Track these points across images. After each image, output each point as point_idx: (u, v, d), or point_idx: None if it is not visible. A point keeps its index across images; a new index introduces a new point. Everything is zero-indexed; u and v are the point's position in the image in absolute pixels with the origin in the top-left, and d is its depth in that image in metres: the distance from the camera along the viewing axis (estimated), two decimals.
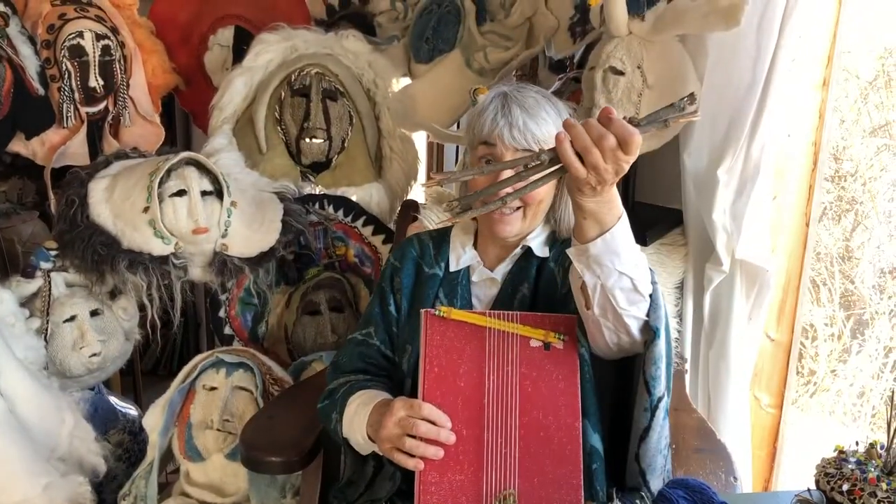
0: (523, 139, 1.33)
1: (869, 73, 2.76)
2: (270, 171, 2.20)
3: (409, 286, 1.47)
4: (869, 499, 1.20)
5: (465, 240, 1.49)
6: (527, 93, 1.38)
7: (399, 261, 1.51)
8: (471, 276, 1.46)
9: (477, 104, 1.41)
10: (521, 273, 1.43)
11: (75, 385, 1.95)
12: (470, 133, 1.41)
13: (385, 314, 1.48)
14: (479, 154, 1.37)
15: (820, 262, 2.88)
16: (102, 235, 1.89)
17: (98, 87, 2.28)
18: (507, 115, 1.34)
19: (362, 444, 1.34)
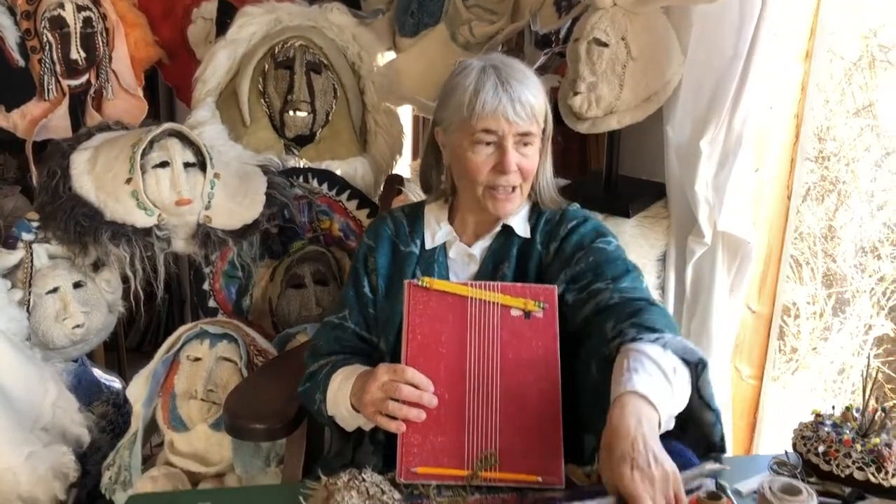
0: (524, 113, 1.32)
1: (853, 53, 2.78)
2: (254, 144, 2.20)
3: (385, 265, 1.46)
4: (844, 460, 1.22)
5: (439, 215, 1.48)
6: (511, 63, 1.37)
7: (373, 240, 1.49)
8: (447, 252, 1.46)
9: (459, 81, 1.36)
10: (502, 251, 1.44)
11: (58, 356, 1.95)
12: (461, 111, 1.34)
13: (360, 296, 1.47)
14: (477, 139, 1.34)
15: (803, 241, 2.91)
16: (85, 207, 1.88)
17: (80, 59, 2.26)
18: (507, 90, 1.32)
19: (347, 417, 1.34)
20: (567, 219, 1.45)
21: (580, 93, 1.77)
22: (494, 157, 1.35)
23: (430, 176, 1.51)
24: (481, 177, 1.36)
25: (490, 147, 1.35)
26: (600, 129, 1.81)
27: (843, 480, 1.21)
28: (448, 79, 1.41)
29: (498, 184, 1.36)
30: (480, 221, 1.46)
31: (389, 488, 1.16)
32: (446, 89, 1.39)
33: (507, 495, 1.20)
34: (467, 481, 1.20)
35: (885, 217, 2.76)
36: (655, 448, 1.06)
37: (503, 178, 1.35)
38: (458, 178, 1.43)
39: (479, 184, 1.37)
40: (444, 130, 1.41)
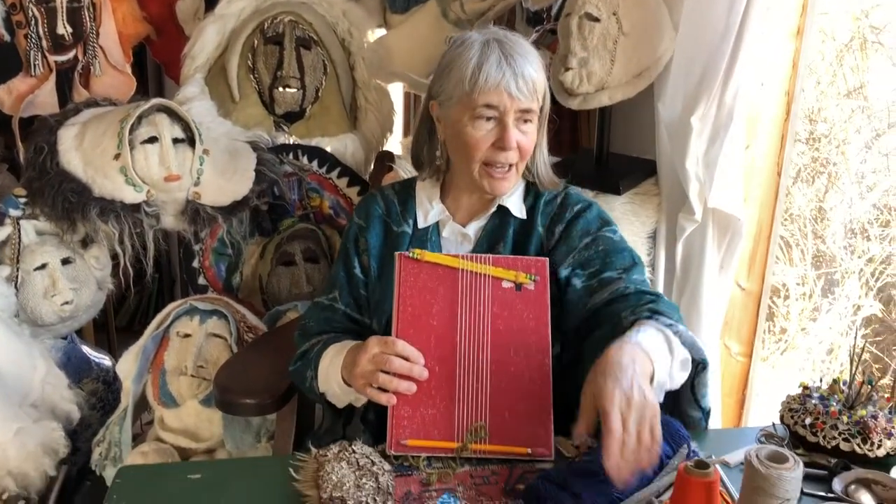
0: (526, 89, 1.31)
1: (844, 34, 2.77)
2: (243, 120, 2.18)
3: (377, 246, 1.45)
4: (830, 431, 1.23)
5: (431, 194, 1.46)
6: (512, 37, 1.35)
7: (364, 220, 1.47)
8: (440, 231, 1.45)
9: (460, 53, 1.33)
10: (498, 231, 1.43)
11: (47, 333, 1.94)
12: (461, 85, 1.32)
13: (350, 277, 1.45)
14: (478, 114, 1.32)
15: (793, 223, 2.92)
16: (73, 183, 1.87)
17: (66, 34, 2.24)
18: (511, 64, 1.30)
19: (338, 392, 1.34)
20: (571, 202, 1.44)
21: (571, 68, 1.76)
22: (494, 132, 1.33)
23: (421, 152, 1.48)
24: (479, 153, 1.34)
25: (490, 122, 1.33)
26: (591, 105, 1.81)
27: (830, 452, 1.23)
28: (447, 51, 1.39)
29: (496, 160, 1.34)
30: (475, 201, 1.45)
31: (379, 459, 1.16)
32: (445, 62, 1.37)
33: (496, 467, 1.20)
34: (457, 453, 1.21)
35: (875, 198, 2.77)
36: (643, 383, 1.07)
37: (502, 154, 1.34)
38: (453, 153, 1.41)
39: (477, 160, 1.35)
40: (441, 104, 1.39)
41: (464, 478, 1.18)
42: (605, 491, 1.06)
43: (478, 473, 1.19)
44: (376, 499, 1.06)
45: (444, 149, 1.44)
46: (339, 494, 1.06)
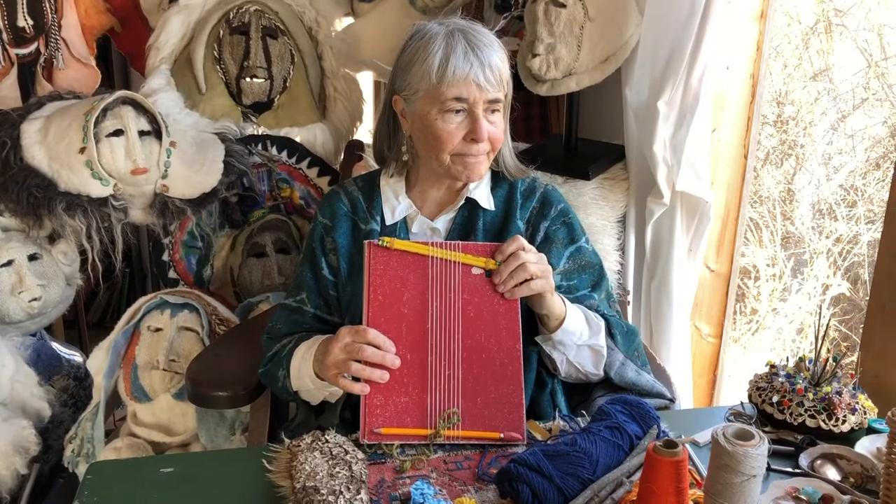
0: (493, 79, 1.30)
1: (809, 17, 2.81)
2: (210, 111, 2.16)
3: (345, 245, 1.42)
4: (797, 408, 1.25)
5: (397, 188, 1.44)
6: (476, 27, 1.34)
7: (329, 219, 1.44)
8: (409, 227, 1.43)
9: (423, 46, 1.32)
10: (468, 224, 1.42)
11: (15, 331, 1.91)
12: (428, 78, 1.30)
13: (318, 279, 1.43)
14: (447, 108, 1.30)
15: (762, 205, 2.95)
16: (38, 178, 1.84)
17: (27, 26, 2.20)
18: (478, 55, 1.29)
19: (311, 388, 1.34)
20: (552, 201, 1.46)
21: (538, 55, 1.77)
22: (465, 125, 1.32)
23: (384, 146, 1.46)
24: (451, 146, 1.33)
25: (460, 115, 1.32)
26: (559, 91, 1.81)
27: (796, 428, 1.25)
28: (406, 44, 1.36)
29: (468, 153, 1.33)
30: (442, 194, 1.44)
31: (353, 448, 1.16)
32: (407, 55, 1.34)
33: (469, 452, 1.21)
34: (430, 440, 1.21)
35: (841, 179, 2.81)
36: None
37: (474, 146, 1.33)
38: (421, 148, 1.39)
39: (447, 153, 1.34)
40: (406, 99, 1.36)
41: (437, 464, 1.19)
42: (576, 472, 1.07)
43: (451, 459, 1.20)
44: (350, 487, 1.06)
45: (409, 143, 1.41)
46: (312, 484, 1.06)
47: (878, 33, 2.61)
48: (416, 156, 1.42)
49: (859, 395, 1.28)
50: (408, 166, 1.45)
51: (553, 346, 1.35)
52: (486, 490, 1.13)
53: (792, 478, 1.15)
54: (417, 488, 1.07)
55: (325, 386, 1.31)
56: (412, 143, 1.41)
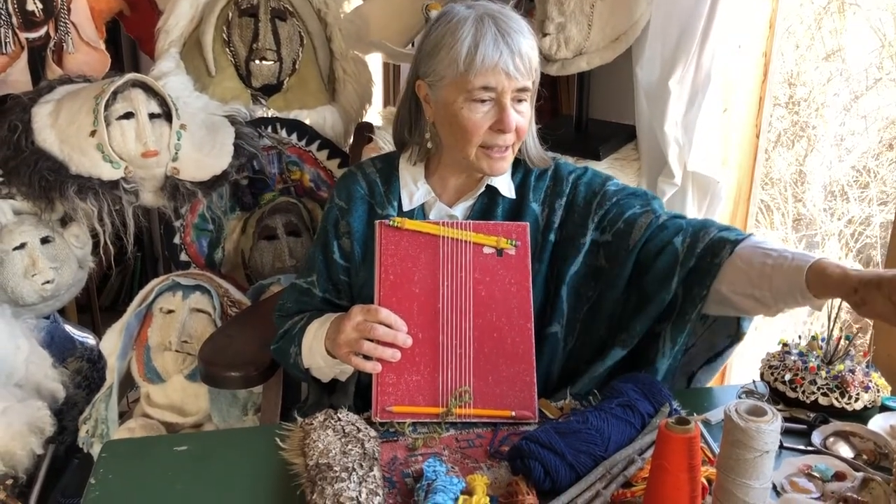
0: (523, 67, 1.25)
1: None
2: (220, 94, 2.16)
3: (360, 229, 1.39)
4: (809, 386, 1.25)
5: (415, 174, 1.40)
6: (508, 12, 1.28)
7: (345, 202, 1.40)
8: (426, 213, 1.40)
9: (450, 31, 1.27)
10: (487, 211, 1.39)
11: (29, 313, 1.93)
12: (456, 66, 1.25)
13: (329, 262, 1.41)
14: (475, 98, 1.26)
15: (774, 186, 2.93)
16: (49, 161, 1.85)
17: (37, 10, 2.20)
18: (508, 43, 1.23)
19: (323, 366, 1.34)
20: (564, 174, 1.41)
21: (549, 34, 1.76)
22: (492, 114, 1.27)
23: (404, 132, 1.41)
24: (477, 136, 1.29)
25: (487, 104, 1.27)
26: (570, 71, 1.80)
27: (809, 406, 1.25)
28: (432, 28, 1.31)
29: (494, 143, 1.29)
30: (463, 181, 1.40)
31: (365, 426, 1.17)
32: (433, 40, 1.29)
33: (481, 430, 1.22)
34: (441, 418, 1.22)
35: (854, 160, 2.79)
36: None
37: (500, 137, 1.28)
38: (445, 135, 1.34)
39: (474, 144, 1.30)
40: (431, 85, 1.31)
41: (449, 442, 1.19)
42: (588, 450, 1.07)
43: (463, 437, 1.20)
44: (363, 464, 1.07)
45: (432, 129, 1.37)
46: (325, 461, 1.07)
47: (892, 13, 2.58)
48: (438, 143, 1.38)
49: (872, 373, 1.27)
50: (430, 153, 1.41)
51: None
52: (497, 467, 1.13)
53: (804, 455, 1.15)
54: (430, 465, 1.07)
55: (337, 364, 1.31)
56: (435, 130, 1.37)
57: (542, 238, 1.38)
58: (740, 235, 1.27)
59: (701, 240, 1.28)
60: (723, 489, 0.97)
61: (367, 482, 1.03)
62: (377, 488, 1.03)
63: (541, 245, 1.37)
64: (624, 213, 1.35)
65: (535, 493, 1.04)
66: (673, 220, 1.33)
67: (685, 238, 1.29)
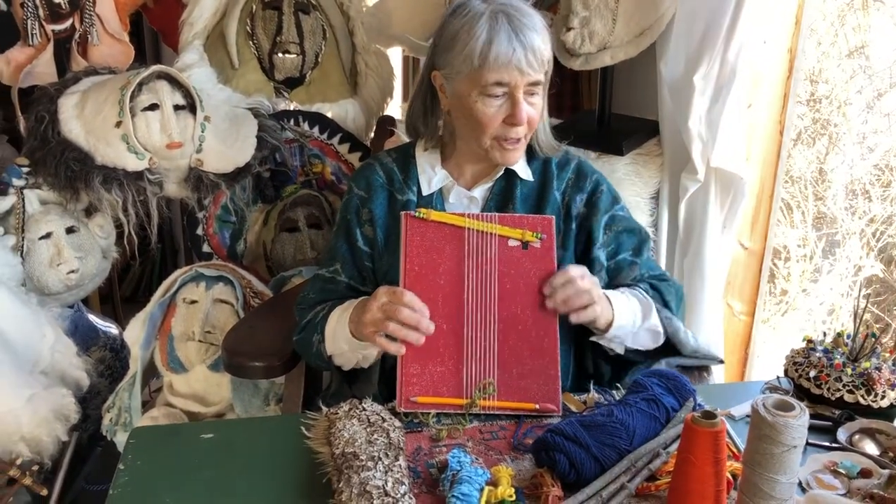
0: (536, 63, 1.29)
1: None
2: (243, 86, 2.17)
3: (382, 216, 1.43)
4: (834, 383, 1.25)
5: (432, 160, 1.44)
6: (519, 6, 1.31)
7: (365, 190, 1.45)
8: (445, 197, 1.44)
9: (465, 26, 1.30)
10: (506, 194, 1.42)
11: (54, 302, 1.95)
12: (470, 61, 1.29)
13: (353, 249, 1.44)
14: (489, 93, 1.30)
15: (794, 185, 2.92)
16: (75, 151, 1.86)
17: (63, 2, 2.21)
18: (521, 40, 1.27)
19: (346, 350, 1.35)
20: (587, 172, 1.47)
21: (573, 28, 1.75)
22: (505, 108, 1.31)
23: (419, 121, 1.46)
24: (491, 129, 1.33)
25: (500, 98, 1.31)
26: (593, 66, 1.80)
27: (834, 403, 1.24)
28: (448, 19, 1.34)
29: (507, 135, 1.34)
30: (480, 168, 1.44)
31: (390, 416, 1.18)
32: (449, 32, 1.32)
33: (504, 422, 1.22)
34: (466, 409, 1.22)
35: (876, 159, 2.77)
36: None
37: (513, 130, 1.33)
38: (460, 126, 1.39)
39: (488, 135, 1.34)
40: (447, 77, 1.35)
41: (473, 433, 1.20)
42: (613, 443, 1.08)
43: (486, 429, 1.21)
44: (388, 453, 1.07)
45: (447, 118, 1.41)
46: (351, 450, 1.08)
47: None
48: (452, 131, 1.42)
49: None
50: (443, 140, 1.45)
51: (609, 341, 1.37)
52: (521, 460, 1.14)
53: (830, 452, 1.14)
54: (454, 456, 1.08)
55: (360, 347, 1.32)
56: (450, 119, 1.41)
57: (566, 226, 1.43)
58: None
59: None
60: (749, 483, 0.97)
61: (393, 471, 1.04)
62: (403, 478, 1.04)
63: (564, 232, 1.42)
64: (618, 254, 1.44)
65: (559, 486, 1.04)
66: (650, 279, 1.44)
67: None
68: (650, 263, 1.48)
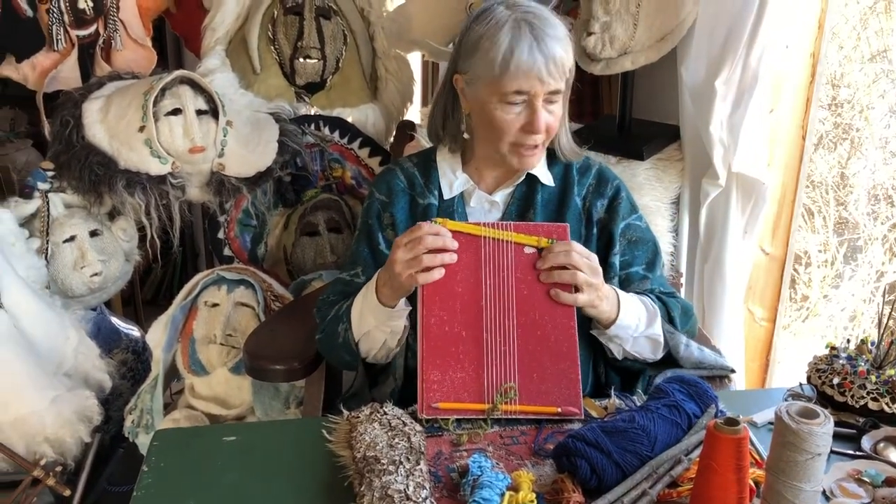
0: (556, 72, 1.29)
1: None
2: (265, 91, 2.18)
3: (403, 220, 1.44)
4: (858, 391, 1.23)
5: (453, 164, 1.45)
6: (541, 14, 1.31)
7: (386, 195, 1.46)
8: (466, 201, 1.45)
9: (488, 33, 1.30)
10: (527, 199, 1.43)
11: (78, 304, 1.97)
12: (492, 69, 1.29)
13: (375, 253, 1.45)
14: (509, 101, 1.30)
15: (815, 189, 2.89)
16: (99, 156, 1.88)
17: (87, 8, 2.24)
18: (543, 50, 1.27)
19: (374, 327, 1.34)
20: (609, 178, 1.47)
21: (594, 33, 1.76)
22: (524, 115, 1.32)
23: (440, 123, 1.46)
24: (509, 135, 1.34)
25: (519, 106, 1.32)
26: (614, 70, 1.80)
27: (858, 411, 1.23)
28: (472, 24, 1.34)
29: (525, 142, 1.34)
30: (500, 173, 1.45)
31: (411, 421, 1.18)
32: (472, 38, 1.33)
33: (525, 427, 1.22)
34: (487, 414, 1.22)
35: None
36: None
37: (531, 137, 1.33)
38: (479, 130, 1.40)
39: (506, 141, 1.35)
40: (468, 82, 1.36)
41: (493, 438, 1.20)
42: (634, 449, 1.07)
43: (507, 434, 1.21)
44: (409, 458, 1.08)
45: (468, 121, 1.42)
46: (372, 454, 1.08)
47: None
48: (473, 134, 1.43)
49: None
50: (465, 143, 1.45)
51: (608, 339, 1.37)
52: (542, 465, 1.14)
53: (854, 460, 1.13)
54: (475, 461, 1.08)
55: (388, 318, 1.32)
56: (471, 121, 1.42)
57: (587, 231, 1.43)
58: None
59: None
60: (773, 491, 0.96)
61: (414, 476, 1.04)
62: (424, 482, 1.04)
63: (585, 237, 1.42)
64: (631, 266, 1.44)
65: (580, 492, 1.04)
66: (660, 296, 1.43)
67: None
68: (662, 280, 1.47)
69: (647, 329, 1.36)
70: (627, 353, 1.39)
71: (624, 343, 1.36)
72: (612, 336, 1.35)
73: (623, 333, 1.35)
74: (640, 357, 1.39)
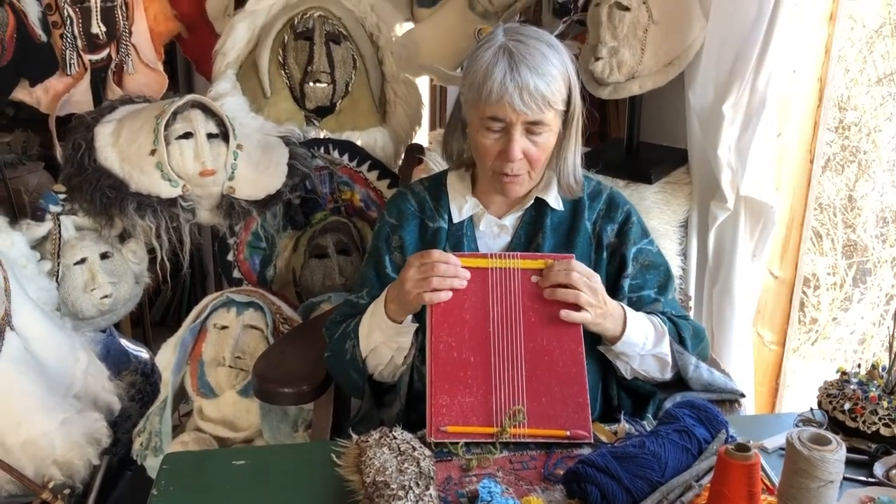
0: (533, 103, 1.27)
1: (874, 21, 2.74)
2: (275, 115, 2.20)
3: (413, 243, 1.45)
4: (870, 416, 1.23)
5: (463, 189, 1.46)
6: (531, 44, 1.30)
7: (396, 218, 1.47)
8: (476, 225, 1.45)
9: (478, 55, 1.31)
10: (536, 223, 1.43)
11: (87, 326, 1.98)
12: (473, 91, 1.31)
13: (381, 276, 1.45)
14: (487, 126, 1.32)
15: (823, 212, 2.89)
16: (110, 179, 1.90)
17: (100, 33, 2.27)
18: (515, 78, 1.26)
19: (381, 343, 1.35)
20: (620, 203, 1.47)
21: (602, 58, 1.77)
22: (501, 142, 1.32)
23: (452, 142, 1.48)
24: (488, 160, 1.35)
25: (498, 133, 1.32)
26: (622, 95, 1.81)
27: (870, 437, 1.22)
28: (475, 46, 1.36)
29: (502, 170, 1.35)
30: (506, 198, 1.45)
31: (420, 445, 1.18)
32: (469, 59, 1.35)
33: (535, 452, 1.22)
34: (496, 438, 1.22)
35: None
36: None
37: (507, 165, 1.33)
38: (473, 154, 1.42)
39: (487, 166, 1.37)
40: (463, 103, 1.39)
41: (503, 463, 1.19)
42: (645, 475, 1.07)
43: (517, 458, 1.20)
44: (419, 483, 1.07)
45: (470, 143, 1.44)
46: (382, 479, 1.08)
47: None
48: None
49: None
50: (474, 167, 1.47)
51: (615, 356, 1.37)
52: (552, 490, 1.13)
53: (866, 487, 1.12)
54: (485, 486, 1.08)
55: (396, 333, 1.33)
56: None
57: (596, 255, 1.43)
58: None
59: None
60: None
61: (424, 501, 1.04)
62: None
63: (595, 262, 1.42)
64: (642, 289, 1.43)
65: None
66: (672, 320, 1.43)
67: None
68: (674, 304, 1.47)
69: (655, 347, 1.36)
70: (636, 372, 1.38)
71: (631, 361, 1.36)
72: (619, 353, 1.35)
73: (629, 350, 1.34)
74: (648, 376, 1.39)
